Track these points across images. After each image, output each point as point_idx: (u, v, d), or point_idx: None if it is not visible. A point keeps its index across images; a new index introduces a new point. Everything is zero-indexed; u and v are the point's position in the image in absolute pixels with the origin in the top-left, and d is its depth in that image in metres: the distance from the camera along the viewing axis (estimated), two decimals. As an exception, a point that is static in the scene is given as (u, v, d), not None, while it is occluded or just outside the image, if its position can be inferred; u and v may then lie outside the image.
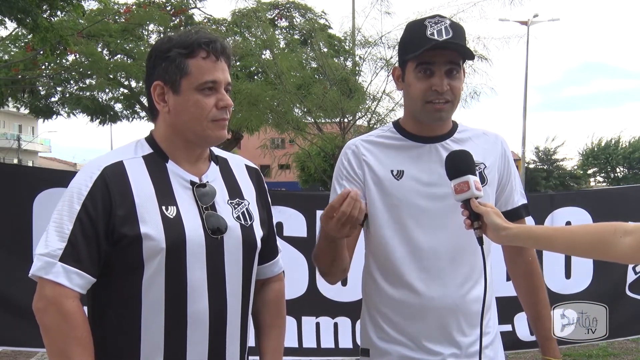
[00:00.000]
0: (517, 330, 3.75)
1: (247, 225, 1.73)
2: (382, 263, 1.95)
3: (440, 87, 1.86)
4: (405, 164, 1.93)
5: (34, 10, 8.40)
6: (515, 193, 2.04)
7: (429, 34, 1.84)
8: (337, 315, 3.66)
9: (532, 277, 2.05)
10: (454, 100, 1.91)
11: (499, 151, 2.02)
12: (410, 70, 1.90)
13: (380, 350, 1.95)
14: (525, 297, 2.07)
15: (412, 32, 1.92)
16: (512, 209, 2.02)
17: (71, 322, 1.51)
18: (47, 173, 4.16)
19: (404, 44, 1.96)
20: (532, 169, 39.68)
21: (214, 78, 1.64)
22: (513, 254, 2.05)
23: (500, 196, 2.02)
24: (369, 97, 11.18)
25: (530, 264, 2.04)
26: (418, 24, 1.90)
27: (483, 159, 1.96)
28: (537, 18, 26.34)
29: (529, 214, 2.08)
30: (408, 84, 1.92)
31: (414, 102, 1.92)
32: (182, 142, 1.69)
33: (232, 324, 1.68)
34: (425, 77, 1.87)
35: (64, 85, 17.10)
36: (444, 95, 1.87)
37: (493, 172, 1.98)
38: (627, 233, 1.49)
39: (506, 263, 2.11)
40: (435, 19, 1.87)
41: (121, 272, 1.60)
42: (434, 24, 1.86)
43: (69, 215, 1.56)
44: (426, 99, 1.88)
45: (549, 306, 2.05)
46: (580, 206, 3.85)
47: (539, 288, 2.05)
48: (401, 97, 2.22)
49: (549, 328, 2.03)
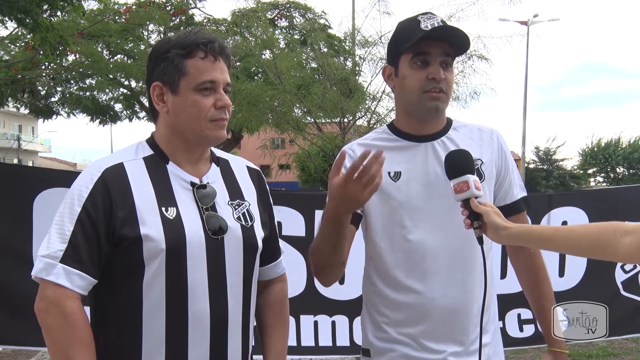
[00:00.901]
0: (507, 327, 3.80)
1: (247, 226, 1.73)
2: (382, 264, 1.95)
3: (438, 75, 1.86)
4: (402, 164, 1.94)
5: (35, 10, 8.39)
6: (515, 186, 2.04)
7: (423, 26, 1.86)
8: (335, 314, 3.69)
9: (535, 270, 2.05)
10: (448, 91, 1.91)
11: (495, 146, 2.01)
12: (405, 62, 1.91)
13: (380, 350, 1.95)
14: (529, 290, 2.08)
15: (406, 26, 1.93)
16: (512, 202, 2.02)
17: (72, 323, 1.52)
18: (47, 173, 4.17)
19: (396, 39, 1.96)
20: (532, 169, 39.63)
21: (212, 78, 1.65)
22: (516, 248, 2.06)
23: (499, 190, 2.02)
24: (369, 97, 11.18)
25: (533, 259, 2.05)
26: (411, 20, 1.92)
27: (480, 155, 1.97)
28: (537, 18, 26.36)
29: (529, 206, 2.09)
30: (402, 77, 1.92)
31: (410, 93, 1.91)
32: (182, 143, 1.70)
33: (233, 325, 1.69)
34: (421, 67, 1.88)
35: (64, 85, 17.09)
36: (440, 84, 1.88)
37: (490, 167, 1.98)
38: (627, 233, 1.49)
39: (510, 258, 2.12)
40: (427, 15, 1.89)
41: (122, 273, 1.60)
42: (427, 19, 1.88)
43: (70, 216, 1.57)
44: (423, 88, 1.88)
45: (554, 299, 2.04)
46: (577, 206, 3.88)
47: (542, 282, 2.05)
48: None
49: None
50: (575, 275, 3.86)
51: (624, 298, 3.89)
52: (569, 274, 3.86)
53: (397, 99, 2.03)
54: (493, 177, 1.99)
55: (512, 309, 3.78)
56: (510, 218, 1.86)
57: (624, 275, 3.88)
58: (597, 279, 3.86)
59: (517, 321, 3.81)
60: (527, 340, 3.85)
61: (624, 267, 3.86)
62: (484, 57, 10.68)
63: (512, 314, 3.77)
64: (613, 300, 3.80)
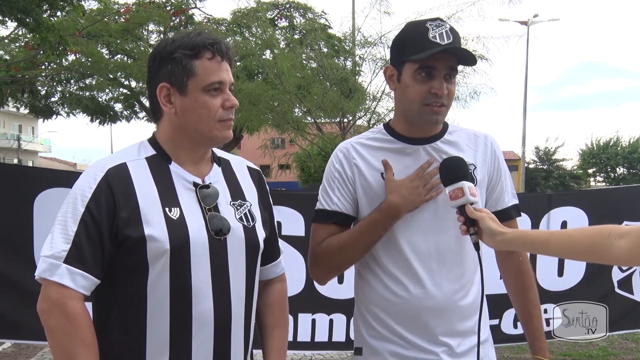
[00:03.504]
0: (502, 324, 3.83)
1: (249, 227, 1.74)
2: (372, 263, 1.97)
3: (441, 91, 1.86)
4: (395, 166, 1.94)
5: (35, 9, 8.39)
6: (506, 193, 2.05)
7: (432, 36, 1.84)
8: (333, 312, 3.72)
9: (522, 277, 2.05)
10: (449, 104, 1.92)
11: (489, 152, 2.02)
12: (409, 71, 1.89)
13: (372, 348, 1.96)
14: (515, 297, 2.08)
15: (413, 32, 1.91)
16: (502, 209, 2.02)
17: (76, 323, 1.52)
18: (47, 173, 4.18)
19: (402, 44, 1.94)
20: (532, 169, 39.65)
21: (220, 79, 1.66)
22: (504, 254, 2.07)
23: (490, 196, 2.03)
24: (369, 97, 11.19)
25: (521, 265, 2.05)
26: (419, 25, 1.89)
27: (473, 160, 1.98)
28: (537, 18, 26.36)
29: (519, 214, 2.09)
30: (405, 85, 1.92)
31: (411, 103, 1.91)
32: (187, 143, 1.70)
33: (236, 324, 1.69)
34: (425, 79, 1.87)
35: (64, 85, 17.10)
36: (442, 99, 1.88)
37: (482, 172, 1.99)
38: (622, 235, 1.48)
39: (498, 263, 2.12)
40: (436, 22, 1.87)
41: (126, 274, 1.60)
42: (435, 27, 1.86)
43: (73, 217, 1.57)
44: (424, 100, 1.88)
45: (540, 306, 2.07)
46: (576, 206, 3.89)
47: (529, 288, 2.06)
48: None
49: (539, 328, 2.04)
50: (574, 276, 3.88)
51: (618, 296, 3.92)
52: (568, 274, 3.88)
53: (397, 102, 2.03)
54: (485, 182, 2.00)
55: (510, 308, 3.81)
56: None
57: (621, 274, 3.91)
58: (595, 279, 3.88)
59: (512, 319, 3.85)
60: (521, 337, 3.88)
61: (622, 267, 3.88)
62: (483, 57, 10.69)
63: (510, 313, 3.80)
64: (608, 298, 3.83)
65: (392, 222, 1.90)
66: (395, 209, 1.88)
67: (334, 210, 1.98)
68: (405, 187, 1.88)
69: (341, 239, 1.96)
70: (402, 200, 1.88)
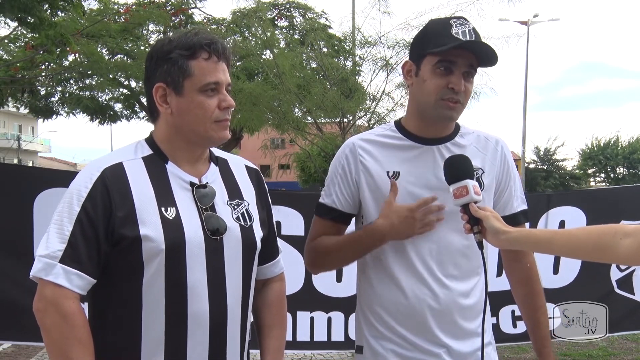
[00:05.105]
0: (501, 323, 3.85)
1: (246, 226, 1.73)
2: (375, 263, 1.96)
3: (458, 87, 1.85)
4: (403, 165, 1.93)
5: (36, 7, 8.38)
6: (515, 199, 2.03)
7: (454, 32, 1.83)
8: (331, 310, 3.74)
9: (531, 283, 2.04)
10: (464, 102, 1.90)
11: (498, 156, 2.00)
12: (428, 65, 1.88)
13: (373, 348, 1.96)
14: (523, 303, 2.07)
15: (436, 28, 1.90)
16: (511, 214, 2.00)
17: (71, 323, 1.52)
18: (47, 173, 4.19)
19: (424, 38, 1.92)
20: (532, 169, 39.63)
21: (216, 79, 1.65)
22: (511, 260, 2.05)
23: (498, 201, 2.01)
24: (369, 97, 11.19)
25: (529, 271, 2.03)
26: (443, 21, 1.89)
27: (482, 165, 1.96)
28: (537, 18, 26.37)
29: (528, 220, 2.07)
30: (423, 79, 1.90)
31: (427, 96, 1.89)
32: (184, 143, 1.70)
33: (233, 324, 1.69)
34: (443, 74, 1.86)
35: (64, 85, 17.08)
36: (458, 95, 1.87)
37: (491, 177, 1.97)
38: (627, 235, 1.48)
39: (505, 270, 2.11)
40: (460, 20, 1.87)
41: (121, 273, 1.60)
42: (459, 25, 1.85)
43: (69, 216, 1.56)
44: (441, 95, 1.87)
45: (547, 312, 2.05)
46: (575, 206, 3.90)
47: (538, 295, 2.04)
48: (401, 97, 2.24)
49: (546, 335, 2.04)
50: (569, 274, 3.89)
51: (618, 296, 3.92)
52: (562, 272, 3.89)
53: (411, 97, 2.01)
54: (493, 187, 1.98)
55: (506, 305, 3.82)
56: None
57: (619, 274, 3.90)
58: (591, 277, 3.88)
59: (510, 317, 3.85)
60: (520, 336, 3.89)
61: (620, 266, 3.88)
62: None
63: (506, 310, 3.81)
64: (608, 298, 3.83)
65: (377, 245, 1.90)
66: (380, 233, 1.87)
67: (330, 206, 1.99)
68: (399, 216, 1.85)
69: (329, 243, 1.97)
70: (389, 228, 1.86)
